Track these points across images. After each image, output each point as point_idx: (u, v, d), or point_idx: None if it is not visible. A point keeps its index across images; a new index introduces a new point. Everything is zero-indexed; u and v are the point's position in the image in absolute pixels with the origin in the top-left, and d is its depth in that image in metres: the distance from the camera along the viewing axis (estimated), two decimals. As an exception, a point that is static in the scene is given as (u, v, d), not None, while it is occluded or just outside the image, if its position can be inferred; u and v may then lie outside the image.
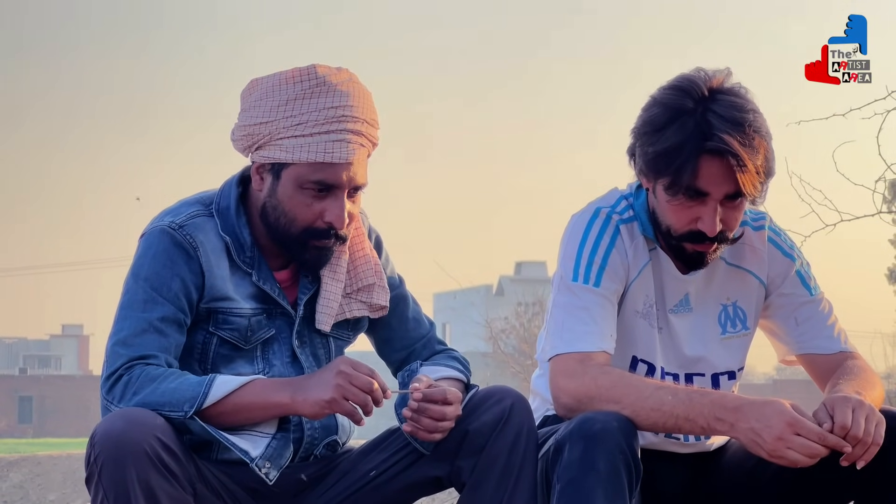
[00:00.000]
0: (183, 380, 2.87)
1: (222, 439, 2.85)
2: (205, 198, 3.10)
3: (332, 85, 2.98)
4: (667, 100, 2.99)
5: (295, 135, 2.96)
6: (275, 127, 2.97)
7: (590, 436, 2.82)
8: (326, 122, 2.96)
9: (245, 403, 2.87)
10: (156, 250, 3.00)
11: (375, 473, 3.07)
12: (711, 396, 2.89)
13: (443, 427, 2.95)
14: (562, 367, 3.01)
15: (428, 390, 2.95)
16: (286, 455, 2.93)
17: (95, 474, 2.75)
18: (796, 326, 3.21)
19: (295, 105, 2.97)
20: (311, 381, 2.89)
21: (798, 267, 3.23)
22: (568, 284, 3.08)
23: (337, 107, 2.97)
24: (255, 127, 2.99)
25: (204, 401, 2.83)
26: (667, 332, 3.16)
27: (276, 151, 2.98)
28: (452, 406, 2.96)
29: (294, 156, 2.97)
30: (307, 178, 2.98)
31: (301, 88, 2.97)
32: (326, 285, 3.11)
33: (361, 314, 3.18)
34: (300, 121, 2.96)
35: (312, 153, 2.96)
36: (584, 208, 3.18)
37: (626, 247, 3.11)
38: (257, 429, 2.92)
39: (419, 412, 2.94)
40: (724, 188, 2.97)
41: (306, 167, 2.97)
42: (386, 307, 3.20)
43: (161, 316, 2.95)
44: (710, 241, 3.02)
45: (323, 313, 3.11)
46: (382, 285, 3.18)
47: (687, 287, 3.17)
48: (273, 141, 2.98)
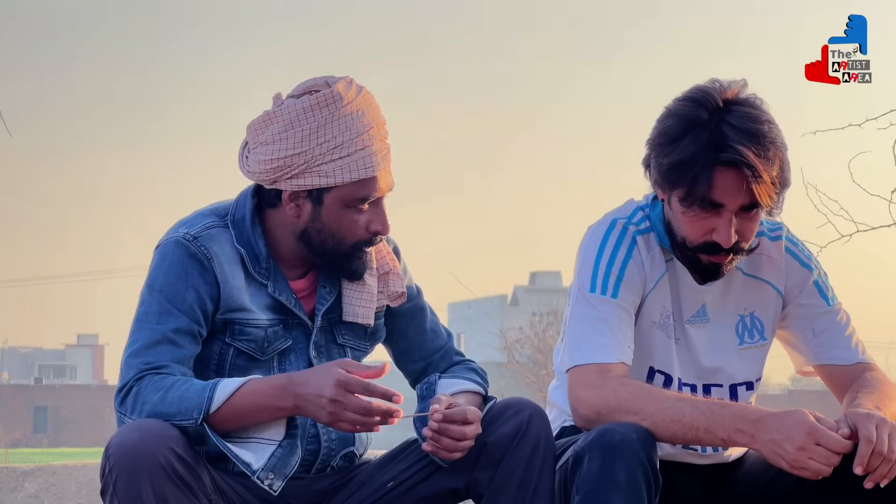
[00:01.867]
0: (188, 386, 2.86)
1: (226, 451, 2.83)
2: (220, 209, 3.10)
3: (353, 101, 2.99)
4: (681, 111, 2.98)
5: (333, 158, 2.97)
6: (311, 155, 2.97)
7: (609, 447, 2.81)
8: (359, 139, 2.98)
9: (249, 405, 2.85)
10: (170, 262, 3.00)
11: (393, 485, 3.06)
12: (732, 408, 2.87)
13: (463, 446, 2.94)
14: (581, 379, 3.00)
15: (448, 411, 2.93)
16: (292, 463, 2.91)
17: (111, 486, 2.74)
18: (814, 337, 3.20)
19: (327, 130, 2.97)
20: (307, 399, 2.83)
21: (816, 277, 3.22)
22: (586, 296, 3.07)
23: (363, 122, 2.99)
24: (287, 159, 2.98)
25: (210, 405, 2.83)
26: (684, 342, 3.15)
27: (314, 178, 2.98)
28: (473, 425, 2.95)
29: (337, 179, 2.98)
30: (353, 197, 3.00)
31: (329, 112, 2.97)
32: (367, 281, 3.13)
33: (381, 303, 3.19)
34: (336, 143, 2.97)
35: (354, 172, 2.98)
36: (601, 219, 3.17)
37: (642, 258, 3.10)
38: (265, 436, 2.90)
39: (440, 432, 2.93)
40: (740, 200, 2.96)
41: (350, 187, 2.99)
42: (404, 293, 3.21)
43: (175, 327, 2.94)
44: (725, 252, 3.01)
45: (366, 308, 3.13)
46: (397, 272, 3.20)
47: (704, 298, 3.16)
48: (311, 168, 2.98)
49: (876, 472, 2.78)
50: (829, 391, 3.25)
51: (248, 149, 3.06)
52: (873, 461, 2.77)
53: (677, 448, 3.14)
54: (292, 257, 3.09)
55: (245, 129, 3.07)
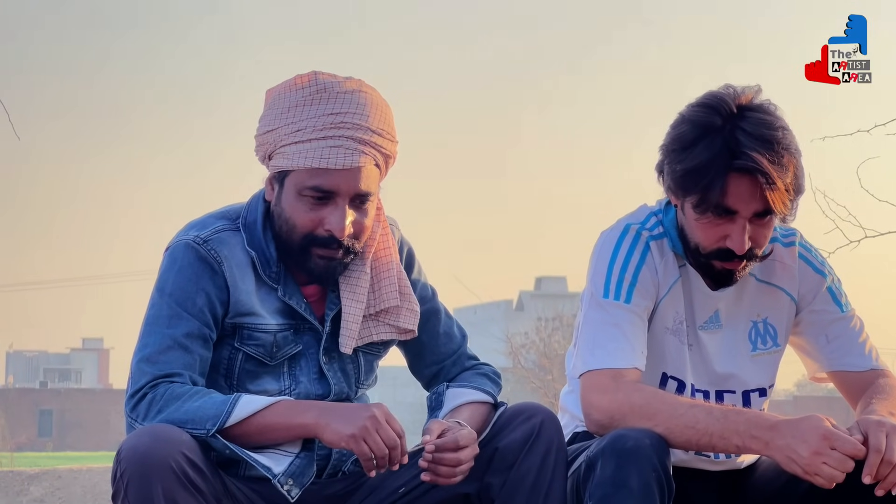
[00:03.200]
0: (207, 398, 2.85)
1: (245, 456, 2.82)
2: (231, 211, 3.08)
3: (335, 92, 2.96)
4: (695, 117, 2.98)
5: (294, 141, 2.94)
6: (278, 135, 2.96)
7: (622, 453, 2.80)
8: (325, 128, 2.94)
9: (269, 423, 2.85)
10: (180, 265, 2.98)
11: (404, 490, 3.04)
12: (747, 415, 2.86)
13: (460, 471, 2.92)
14: (594, 384, 2.99)
15: (439, 441, 2.91)
16: (309, 474, 2.90)
17: (122, 490, 2.73)
18: (827, 343, 3.19)
19: (296, 112, 2.95)
20: (340, 411, 2.87)
21: (829, 283, 3.21)
22: (599, 301, 3.06)
23: (337, 113, 2.94)
24: (263, 136, 2.99)
25: (227, 419, 2.82)
26: (697, 348, 3.14)
27: (280, 159, 2.97)
28: (467, 449, 2.93)
29: (293, 162, 2.94)
30: (304, 185, 2.95)
31: (302, 95, 2.96)
32: (346, 306, 3.06)
33: (389, 337, 3.14)
34: (299, 127, 2.94)
35: (309, 159, 2.93)
36: (614, 225, 3.16)
37: (656, 263, 3.09)
38: (280, 448, 2.90)
39: (435, 462, 2.91)
40: (753, 206, 2.95)
41: (304, 173, 2.94)
42: (414, 331, 3.16)
43: (186, 332, 2.93)
44: (738, 258, 3.00)
45: (344, 336, 3.06)
46: (410, 308, 3.13)
47: (717, 304, 3.15)
48: (278, 149, 2.97)
49: (886, 481, 2.77)
50: (836, 397, 3.27)
51: None
52: (882, 470, 2.76)
53: (690, 454, 3.14)
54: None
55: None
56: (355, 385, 3.13)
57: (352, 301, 3.07)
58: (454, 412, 3.08)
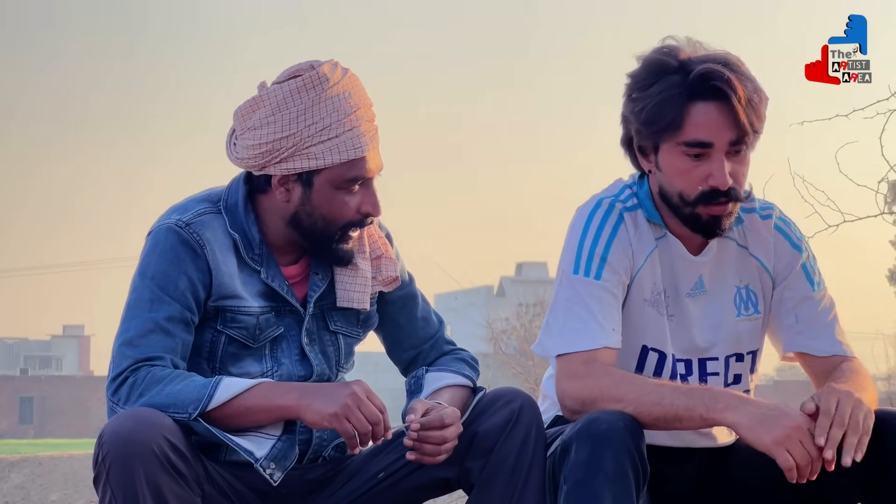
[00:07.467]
0: (188, 381, 2.86)
1: (227, 440, 2.84)
2: (213, 195, 3.09)
3: (339, 83, 2.99)
4: (649, 61, 3.03)
5: (322, 140, 2.97)
6: (299, 138, 2.97)
7: (597, 436, 2.82)
8: (347, 119, 2.98)
9: (250, 406, 2.87)
10: (162, 248, 2.99)
11: (384, 475, 3.06)
12: (713, 389, 2.92)
13: (445, 448, 2.94)
14: (566, 370, 3.01)
15: (425, 419, 2.94)
16: (291, 457, 2.93)
17: (103, 474, 2.75)
18: (795, 324, 3.19)
19: (314, 112, 2.97)
20: (320, 391, 2.89)
21: (804, 260, 3.21)
22: (569, 278, 3.07)
23: (350, 103, 2.99)
24: (275, 142, 2.98)
25: (209, 403, 2.83)
26: (679, 318, 3.15)
27: (303, 161, 2.98)
28: (452, 427, 2.95)
29: (326, 160, 2.97)
30: (343, 178, 2.99)
31: (315, 94, 2.97)
32: (360, 265, 3.12)
33: (375, 289, 3.18)
34: (324, 125, 2.97)
35: (343, 153, 2.97)
36: (588, 200, 3.17)
37: (630, 235, 3.10)
38: (262, 431, 2.92)
39: (420, 440, 2.93)
40: (727, 135, 2.97)
41: (340, 168, 2.99)
42: (397, 278, 3.20)
43: (168, 315, 2.94)
44: (724, 197, 3.01)
45: (361, 293, 3.13)
46: (389, 256, 3.19)
47: (700, 269, 3.15)
48: (299, 151, 2.98)
49: (846, 445, 2.80)
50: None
51: (235, 136, 3.06)
52: (834, 433, 2.79)
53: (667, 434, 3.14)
54: (283, 243, 3.09)
55: (232, 116, 3.06)
56: (336, 367, 3.15)
57: (363, 260, 3.13)
58: (434, 395, 3.10)
